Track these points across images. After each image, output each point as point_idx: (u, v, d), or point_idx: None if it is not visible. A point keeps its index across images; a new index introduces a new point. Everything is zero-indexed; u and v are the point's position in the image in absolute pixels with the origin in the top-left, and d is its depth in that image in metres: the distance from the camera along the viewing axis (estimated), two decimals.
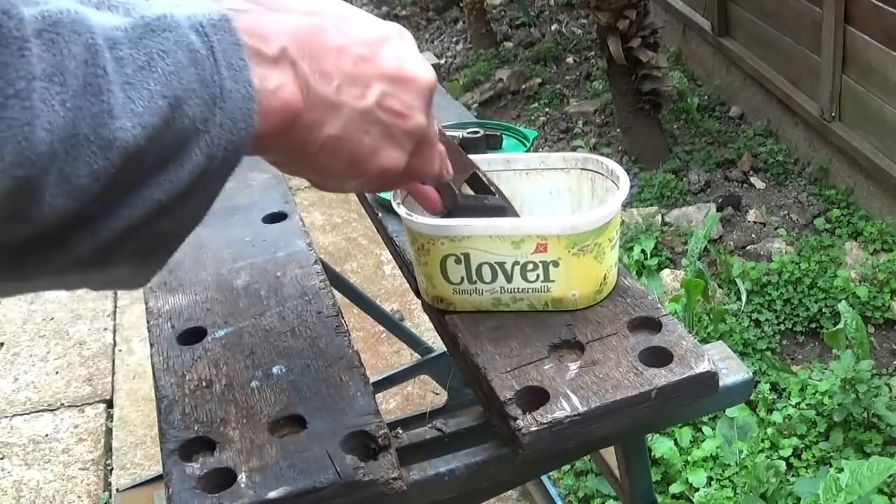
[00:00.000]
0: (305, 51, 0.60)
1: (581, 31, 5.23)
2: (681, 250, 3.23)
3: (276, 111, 0.58)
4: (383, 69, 0.65)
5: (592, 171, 1.04)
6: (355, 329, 2.92)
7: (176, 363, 1.01)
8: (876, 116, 3.14)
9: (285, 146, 0.61)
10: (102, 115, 0.47)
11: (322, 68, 0.61)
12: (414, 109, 0.67)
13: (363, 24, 0.67)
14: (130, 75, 0.48)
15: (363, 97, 0.64)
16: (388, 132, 0.66)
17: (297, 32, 0.60)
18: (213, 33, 0.53)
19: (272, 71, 0.57)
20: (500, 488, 1.11)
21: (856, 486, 2.02)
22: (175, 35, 0.51)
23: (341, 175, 0.67)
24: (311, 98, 0.60)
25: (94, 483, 2.55)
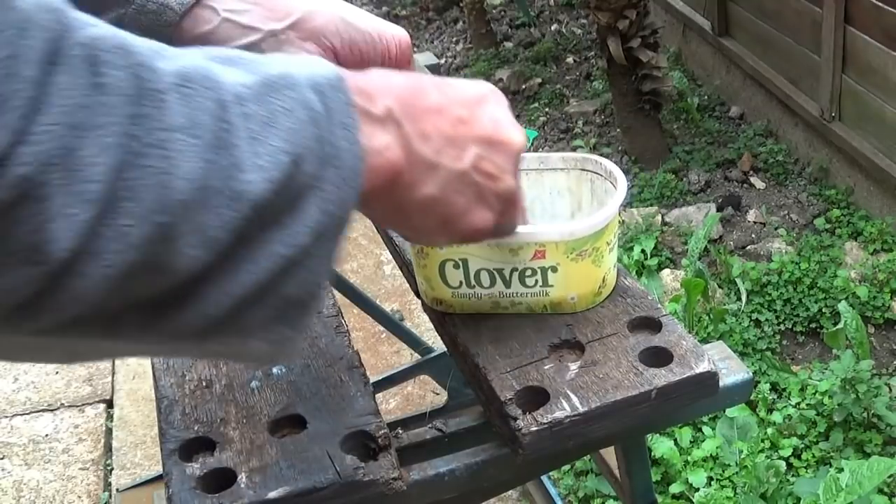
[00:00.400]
0: (408, 111, 0.62)
1: (581, 31, 5.23)
2: (681, 250, 3.23)
3: (381, 170, 0.60)
4: (480, 132, 0.67)
5: (592, 172, 1.04)
6: (355, 329, 2.92)
7: (176, 363, 1.01)
8: (876, 116, 3.14)
9: (386, 203, 0.64)
10: (231, 169, 0.48)
11: (423, 129, 0.63)
12: (505, 172, 0.69)
13: (461, 85, 0.69)
14: (256, 131, 0.50)
15: (460, 159, 0.66)
16: (481, 194, 0.68)
17: (401, 92, 0.62)
18: (329, 93, 0.54)
19: (378, 130, 0.59)
20: (500, 488, 1.11)
21: (856, 486, 2.02)
22: (296, 93, 0.53)
23: (433, 233, 0.70)
24: (412, 158, 0.62)
25: (94, 483, 2.55)
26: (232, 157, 0.48)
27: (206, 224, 0.48)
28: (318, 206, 0.53)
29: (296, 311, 0.57)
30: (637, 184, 3.68)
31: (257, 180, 0.49)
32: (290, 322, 0.57)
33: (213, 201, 0.48)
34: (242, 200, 0.49)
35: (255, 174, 0.49)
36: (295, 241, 0.53)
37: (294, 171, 0.51)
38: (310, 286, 0.56)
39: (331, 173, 0.54)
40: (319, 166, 0.53)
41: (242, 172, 0.49)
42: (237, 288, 0.51)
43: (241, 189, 0.48)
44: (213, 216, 0.48)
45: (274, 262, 0.52)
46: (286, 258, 0.52)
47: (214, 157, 0.48)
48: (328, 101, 0.54)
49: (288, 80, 0.53)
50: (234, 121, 0.49)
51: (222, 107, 0.49)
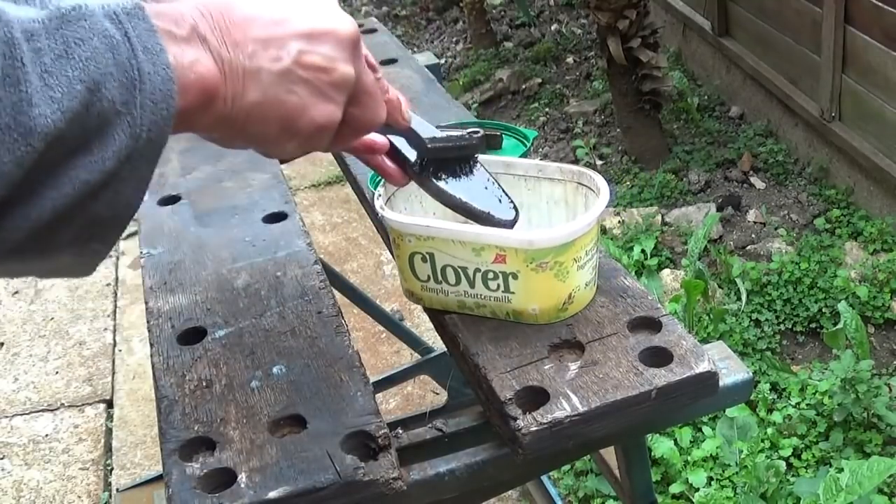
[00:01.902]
0: (215, 25, 0.62)
1: (581, 31, 5.22)
2: (681, 250, 3.23)
3: (194, 86, 0.60)
4: (297, 28, 0.67)
5: (586, 187, 1.04)
6: (355, 329, 2.92)
7: (176, 363, 1.01)
8: (876, 116, 3.14)
9: (211, 120, 0.64)
10: (21, 104, 0.49)
11: (233, 39, 0.63)
12: (336, 61, 0.68)
13: None
14: (48, 64, 0.51)
15: (279, 59, 0.65)
16: (315, 88, 0.68)
17: (205, 10, 0.63)
18: (126, 20, 0.55)
19: (185, 48, 0.60)
20: (500, 488, 1.11)
21: (856, 486, 2.02)
22: (90, 23, 0.53)
23: (277, 138, 0.69)
24: (227, 69, 0.62)
25: (94, 483, 2.55)
26: (21, 93, 0.49)
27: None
28: (126, 131, 0.54)
29: (105, 229, 0.58)
30: (637, 184, 3.68)
31: (49, 112, 0.50)
32: (99, 239, 0.58)
33: (3, 138, 0.49)
34: (34, 134, 0.50)
35: (47, 106, 0.50)
36: (100, 166, 0.54)
37: (91, 98, 0.52)
38: (119, 206, 0.57)
39: (138, 98, 0.55)
40: (123, 91, 0.54)
41: (32, 107, 0.49)
42: (38, 214, 0.53)
43: (33, 123, 0.49)
44: (3, 152, 0.49)
45: (77, 188, 0.53)
46: (90, 183, 0.54)
47: (2, 94, 0.48)
48: (127, 28, 0.55)
49: (81, 12, 0.53)
50: (22, 57, 0.49)
51: (10, 44, 0.49)
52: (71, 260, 0.58)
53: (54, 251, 0.56)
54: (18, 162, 0.50)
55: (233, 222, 1.28)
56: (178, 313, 1.09)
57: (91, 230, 0.57)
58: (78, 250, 0.58)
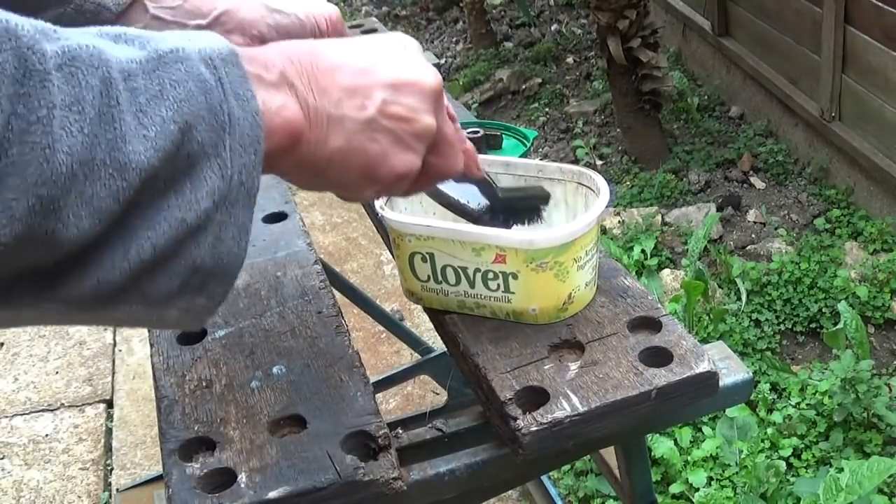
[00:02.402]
0: (303, 71, 0.64)
1: (581, 31, 5.22)
2: (681, 250, 3.23)
3: (280, 130, 0.62)
4: (382, 78, 0.68)
5: (586, 187, 1.04)
6: (355, 329, 2.92)
7: (176, 363, 1.01)
8: (876, 116, 3.14)
9: (294, 163, 0.65)
10: (116, 141, 0.50)
11: (320, 86, 0.65)
12: (418, 112, 0.70)
13: (360, 42, 0.70)
14: (144, 104, 0.52)
15: (364, 108, 0.67)
16: (397, 137, 0.69)
17: (295, 56, 0.65)
18: (221, 66, 0.57)
19: (274, 93, 0.62)
20: (500, 488, 1.11)
21: (856, 486, 2.02)
22: (186, 66, 0.55)
23: (357, 184, 0.70)
24: (312, 115, 0.64)
25: (94, 483, 2.55)
26: (116, 131, 0.50)
27: (94, 195, 0.50)
28: (217, 173, 0.56)
29: (209, 281, 0.58)
30: (637, 184, 3.68)
31: (142, 150, 0.51)
32: (205, 292, 0.59)
33: (99, 173, 0.50)
34: (129, 170, 0.51)
35: (141, 144, 0.51)
36: (195, 206, 0.55)
37: (183, 138, 0.53)
38: (221, 254, 0.58)
39: (227, 141, 0.56)
40: (213, 135, 0.55)
41: (127, 144, 0.51)
42: (136, 253, 0.53)
43: (127, 159, 0.51)
44: (99, 186, 0.50)
45: (174, 228, 0.54)
46: (187, 223, 0.55)
47: (98, 131, 0.50)
48: (220, 73, 0.56)
49: (178, 55, 0.55)
50: (119, 96, 0.51)
51: (107, 83, 0.51)
52: (178, 315, 0.59)
53: (161, 303, 0.57)
54: (115, 197, 0.51)
55: None
56: None
57: (196, 282, 0.58)
58: (185, 305, 0.59)
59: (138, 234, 0.53)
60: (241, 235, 0.59)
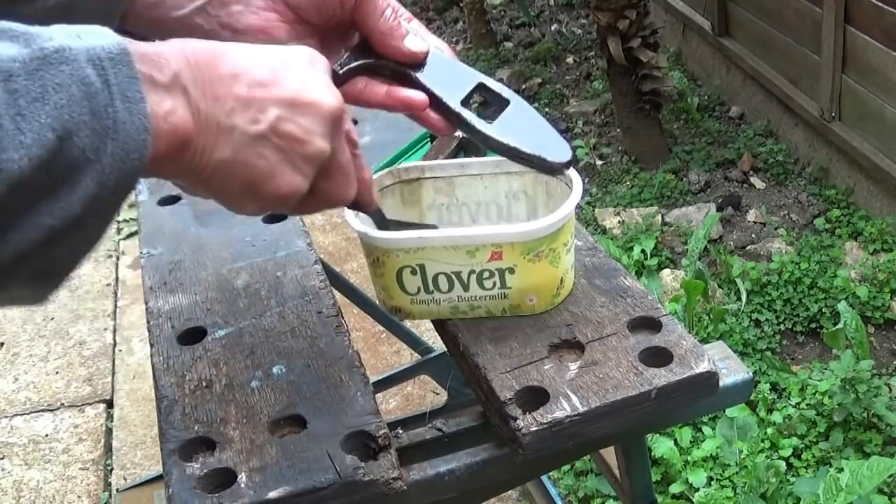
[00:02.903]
0: (199, 76, 0.62)
1: (581, 31, 5.23)
2: (681, 250, 3.23)
3: (167, 135, 0.59)
4: (280, 94, 0.66)
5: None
6: (355, 329, 2.92)
7: (176, 363, 1.01)
8: (876, 116, 3.14)
9: (177, 169, 0.63)
10: None
11: (215, 93, 0.62)
12: (312, 134, 0.67)
13: (267, 51, 0.67)
14: (23, 107, 0.50)
15: (256, 122, 0.65)
16: (285, 157, 0.67)
17: (194, 58, 0.62)
18: (110, 66, 0.54)
19: (164, 97, 0.59)
20: (500, 488, 1.11)
21: (856, 486, 2.02)
22: (71, 68, 0.52)
23: (238, 198, 0.68)
24: (203, 122, 0.62)
25: (94, 483, 2.55)
26: None
27: None
28: (94, 179, 0.54)
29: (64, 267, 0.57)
30: (637, 184, 3.68)
31: (16, 157, 0.49)
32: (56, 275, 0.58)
33: None
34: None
35: (15, 151, 0.49)
36: (65, 212, 0.53)
37: (61, 146, 0.51)
38: (79, 247, 0.57)
39: (109, 146, 0.54)
40: (95, 139, 0.53)
41: (3, 151, 0.49)
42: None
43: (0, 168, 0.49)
44: None
45: (40, 232, 0.53)
46: (54, 228, 0.53)
47: None
48: (108, 74, 0.54)
49: (64, 55, 0.53)
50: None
51: None
52: (24, 292, 0.58)
53: (11, 286, 0.56)
54: None
55: (233, 222, 1.28)
56: (178, 313, 1.09)
57: (49, 269, 0.56)
58: (36, 284, 0.57)
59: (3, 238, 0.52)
60: (102, 229, 0.58)
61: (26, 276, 0.55)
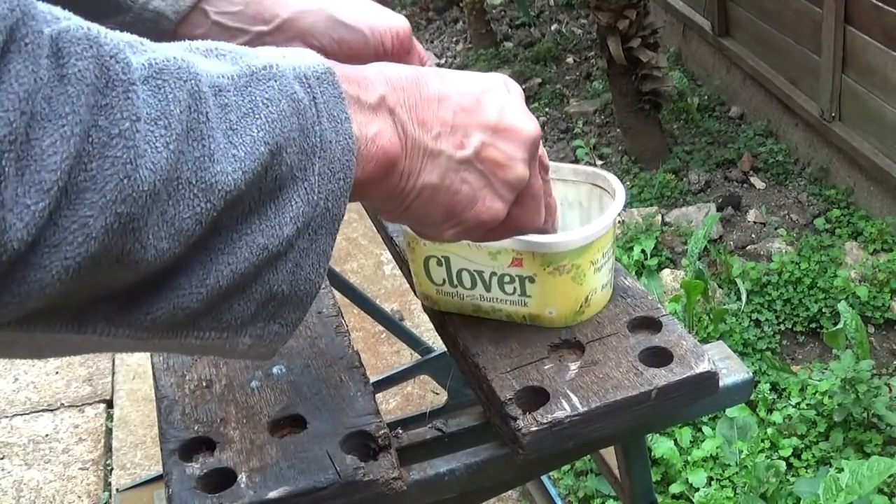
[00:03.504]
0: (404, 99, 0.61)
1: (581, 31, 5.23)
2: (681, 250, 3.23)
3: (374, 158, 0.59)
4: (484, 119, 0.66)
5: (601, 188, 1.03)
6: (355, 329, 2.92)
7: (176, 363, 1.01)
8: (876, 116, 3.14)
9: (383, 193, 0.62)
10: (204, 160, 0.48)
11: (421, 117, 0.62)
12: (514, 160, 0.67)
13: (465, 77, 0.68)
14: (234, 121, 0.50)
15: (462, 147, 0.65)
16: (488, 182, 0.67)
17: (397, 82, 0.61)
18: (316, 85, 0.54)
19: (371, 118, 0.58)
20: (500, 488, 1.11)
21: (856, 486, 2.02)
22: (279, 84, 0.52)
23: (439, 224, 0.68)
24: (409, 145, 0.61)
25: (94, 483, 2.55)
26: (204, 148, 0.48)
27: (176, 215, 0.47)
28: (303, 198, 0.53)
29: (285, 308, 0.56)
30: (637, 184, 3.68)
31: (230, 170, 0.49)
32: (280, 319, 0.56)
33: (183, 192, 0.47)
34: (214, 191, 0.48)
35: (230, 164, 0.49)
36: (277, 232, 0.52)
37: (272, 161, 0.51)
38: (299, 281, 0.55)
39: (317, 164, 0.53)
40: (303, 157, 0.52)
41: (214, 163, 0.48)
42: (215, 279, 0.51)
43: (214, 180, 0.48)
44: (183, 207, 0.47)
45: (254, 254, 0.52)
46: (268, 249, 0.52)
47: (185, 148, 0.47)
48: (315, 92, 0.54)
49: (272, 71, 0.52)
50: (208, 112, 0.48)
51: (197, 98, 0.48)
52: (251, 342, 0.56)
53: (234, 329, 0.54)
54: (197, 219, 0.48)
55: None
56: None
57: (272, 308, 0.55)
58: (259, 332, 0.56)
59: (218, 258, 0.51)
60: (321, 262, 0.56)
61: (249, 315, 0.54)
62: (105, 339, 0.50)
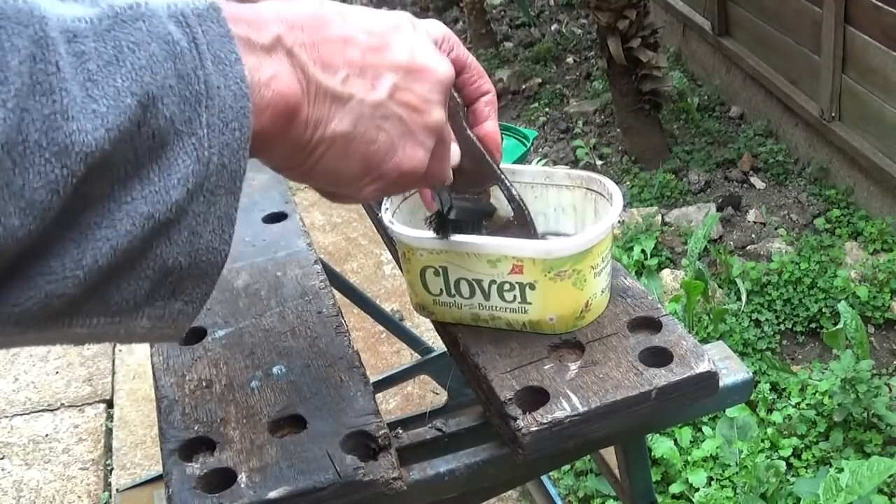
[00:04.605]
0: (303, 39, 0.54)
1: (581, 31, 5.23)
2: (681, 250, 3.23)
3: (271, 105, 0.52)
4: (394, 60, 0.60)
5: (596, 192, 1.02)
6: (355, 329, 2.92)
7: (176, 363, 1.01)
8: (876, 116, 3.14)
9: (286, 146, 0.56)
10: (55, 117, 0.41)
11: (325, 58, 0.55)
12: (430, 103, 0.62)
13: (368, 14, 0.61)
14: (94, 71, 0.43)
15: (374, 88, 0.58)
16: (406, 129, 0.61)
17: (295, 20, 0.55)
18: (196, 24, 0.47)
19: (265, 60, 0.52)
20: (500, 488, 1.11)
21: (856, 486, 2.02)
22: (149, 25, 0.45)
23: (356, 179, 0.61)
24: (313, 90, 0.55)
25: (94, 483, 2.55)
26: (55, 104, 0.41)
27: (25, 185, 0.40)
28: (191, 155, 0.46)
29: (186, 282, 0.49)
30: (637, 184, 3.68)
31: (90, 128, 0.42)
32: (182, 295, 0.50)
33: (31, 157, 0.40)
34: (70, 154, 0.41)
35: (89, 122, 0.42)
36: (164, 197, 0.46)
37: (144, 114, 0.44)
38: (199, 251, 0.49)
39: (204, 115, 0.47)
40: (186, 108, 0.46)
41: (69, 121, 0.41)
42: (93, 258, 0.44)
43: (69, 140, 0.41)
44: (31, 175, 0.40)
45: (138, 225, 0.45)
46: (155, 218, 0.45)
47: (29, 105, 0.40)
48: (195, 32, 0.47)
49: (140, 11, 0.45)
50: (58, 61, 0.41)
51: (43, 45, 0.41)
52: (150, 324, 0.49)
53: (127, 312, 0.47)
54: (52, 188, 0.41)
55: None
56: None
57: (171, 285, 0.48)
58: (159, 312, 0.49)
59: (94, 234, 0.44)
60: (224, 227, 0.50)
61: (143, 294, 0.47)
62: None
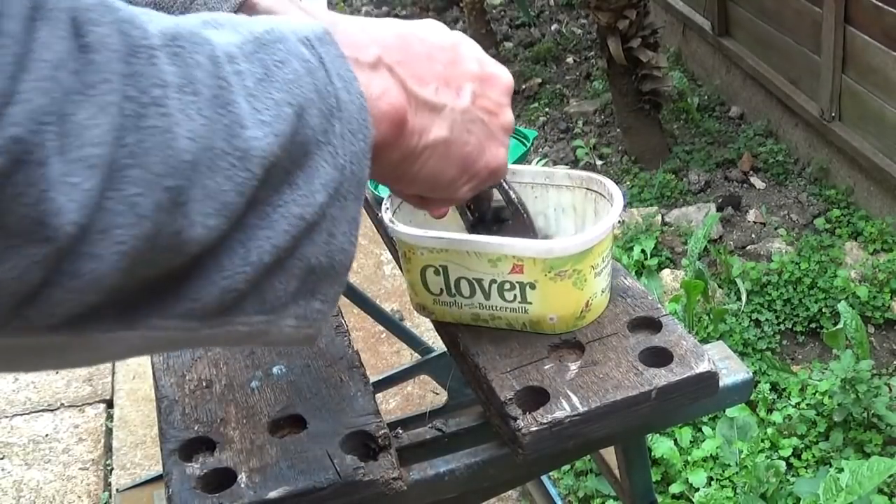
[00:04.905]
0: (399, 58, 0.61)
1: (581, 31, 5.23)
2: (681, 250, 3.23)
3: (385, 117, 0.58)
4: (469, 71, 0.67)
5: (596, 192, 1.02)
6: (355, 329, 2.92)
7: (176, 363, 1.01)
8: (876, 116, 3.14)
9: (398, 154, 0.62)
10: (234, 126, 0.45)
11: (417, 73, 0.62)
12: (503, 106, 0.70)
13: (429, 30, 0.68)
14: (251, 87, 0.47)
15: (459, 97, 0.66)
16: (488, 131, 0.69)
17: (386, 42, 0.61)
18: (319, 45, 0.52)
19: (373, 77, 0.58)
20: (500, 488, 1.11)
21: (856, 486, 2.02)
22: (286, 46, 0.50)
23: (454, 180, 0.69)
24: (414, 102, 0.61)
25: (94, 483, 2.55)
26: (232, 115, 0.45)
27: (217, 188, 0.44)
28: (329, 162, 0.51)
29: (324, 282, 0.53)
30: (637, 184, 3.68)
31: (262, 136, 0.46)
32: (319, 294, 0.54)
33: (220, 162, 0.44)
34: (250, 159, 0.46)
35: (260, 129, 0.46)
36: (311, 200, 0.50)
37: (299, 123, 0.48)
38: (334, 251, 0.53)
39: (337, 126, 0.51)
40: (324, 119, 0.50)
41: (245, 129, 0.46)
42: (257, 255, 0.48)
43: (247, 146, 0.46)
44: (222, 178, 0.45)
45: (292, 225, 0.49)
46: (305, 220, 0.50)
47: (215, 115, 0.44)
48: (319, 52, 0.52)
49: (276, 35, 0.50)
50: (229, 77, 0.46)
51: (216, 63, 0.46)
52: (296, 323, 0.53)
53: (278, 310, 0.51)
54: (238, 190, 0.45)
55: None
56: None
57: (311, 283, 0.52)
58: (302, 310, 0.53)
59: (256, 234, 0.48)
60: (352, 230, 0.54)
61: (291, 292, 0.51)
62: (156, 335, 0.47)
